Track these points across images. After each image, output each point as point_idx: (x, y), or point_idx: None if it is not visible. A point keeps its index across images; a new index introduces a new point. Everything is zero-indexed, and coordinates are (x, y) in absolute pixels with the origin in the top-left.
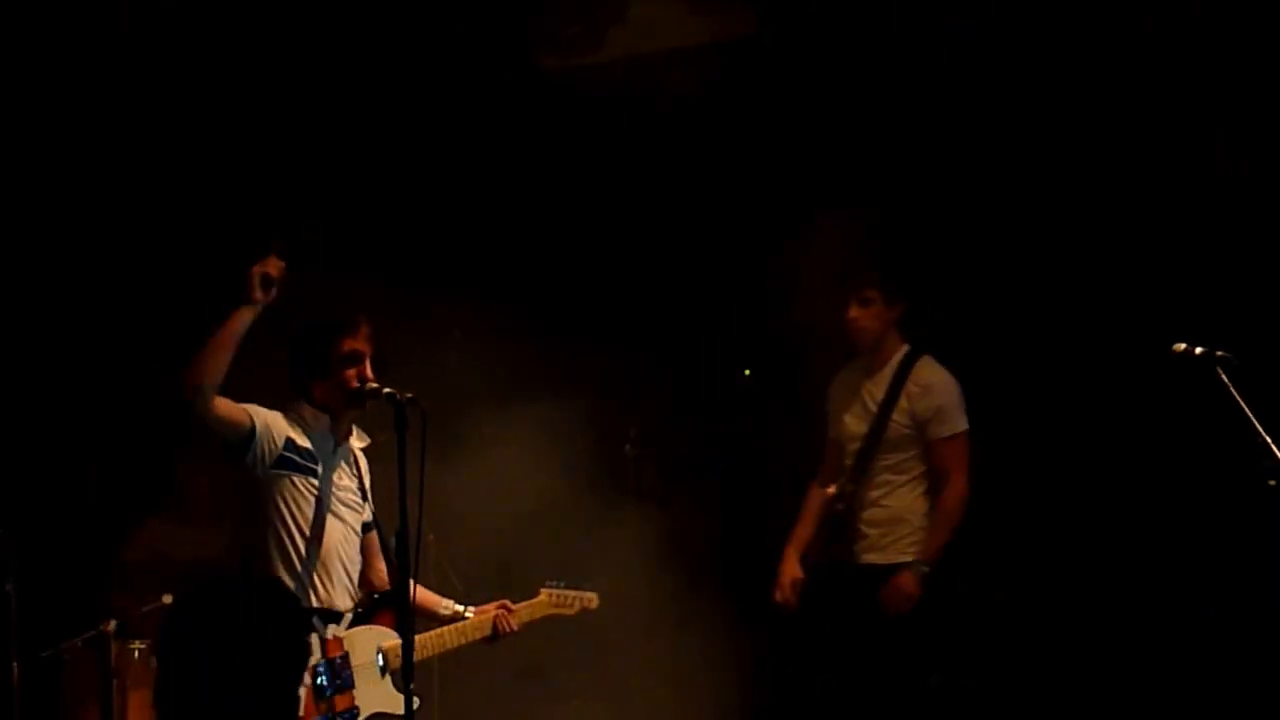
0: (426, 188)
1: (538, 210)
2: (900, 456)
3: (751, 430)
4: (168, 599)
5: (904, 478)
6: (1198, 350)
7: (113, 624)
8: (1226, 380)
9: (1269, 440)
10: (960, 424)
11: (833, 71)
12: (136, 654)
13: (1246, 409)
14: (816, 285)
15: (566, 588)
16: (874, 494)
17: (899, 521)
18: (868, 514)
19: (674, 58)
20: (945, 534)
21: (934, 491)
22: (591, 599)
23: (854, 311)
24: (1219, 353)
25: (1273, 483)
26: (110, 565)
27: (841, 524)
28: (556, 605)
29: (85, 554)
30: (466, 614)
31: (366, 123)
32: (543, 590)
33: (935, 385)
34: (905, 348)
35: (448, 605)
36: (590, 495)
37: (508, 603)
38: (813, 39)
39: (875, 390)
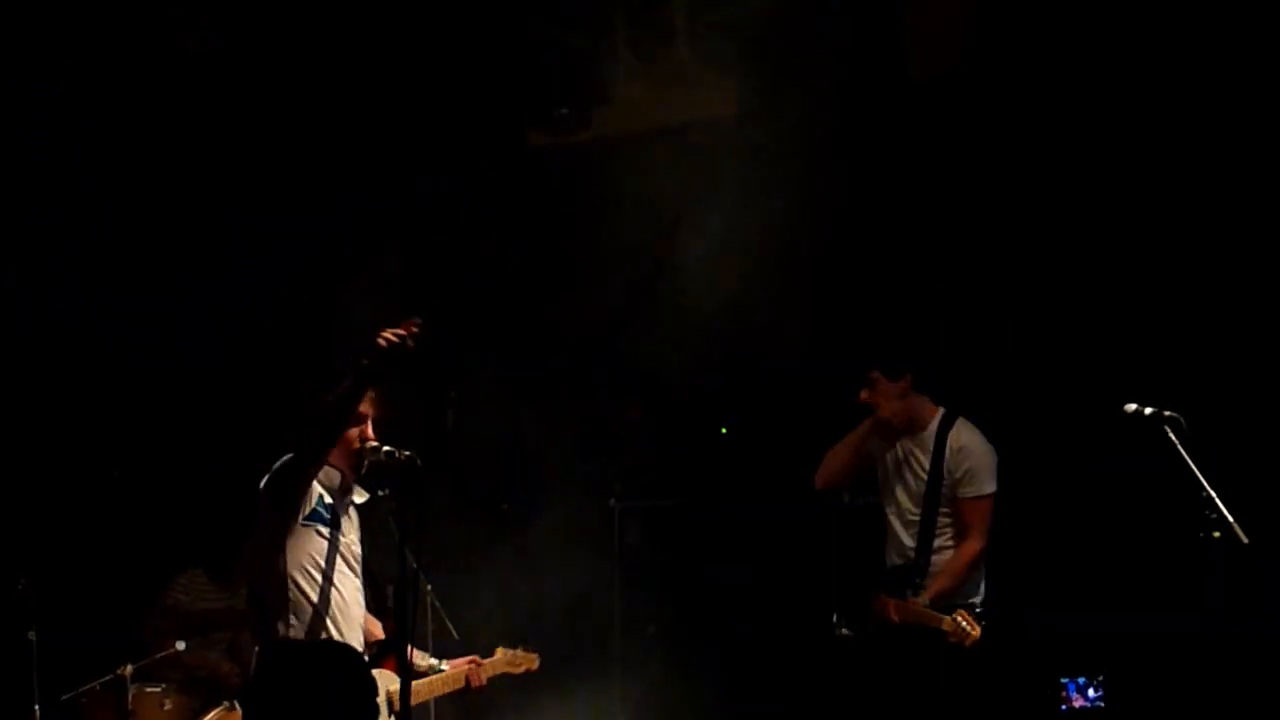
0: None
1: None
2: (952, 510)
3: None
4: (180, 645)
5: (955, 528)
6: (1147, 411)
7: (129, 668)
8: (1175, 438)
9: (1213, 494)
10: (987, 486)
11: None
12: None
13: (1193, 465)
14: None
15: (517, 648)
16: (941, 549)
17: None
18: (936, 564)
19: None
20: (950, 583)
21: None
22: (533, 660)
23: (863, 395)
24: (1167, 413)
25: (1217, 534)
26: (128, 613)
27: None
28: (509, 663)
29: (104, 602)
30: (441, 667)
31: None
32: (498, 649)
33: (969, 447)
34: (941, 411)
35: (423, 658)
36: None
37: (477, 658)
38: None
39: (922, 458)
